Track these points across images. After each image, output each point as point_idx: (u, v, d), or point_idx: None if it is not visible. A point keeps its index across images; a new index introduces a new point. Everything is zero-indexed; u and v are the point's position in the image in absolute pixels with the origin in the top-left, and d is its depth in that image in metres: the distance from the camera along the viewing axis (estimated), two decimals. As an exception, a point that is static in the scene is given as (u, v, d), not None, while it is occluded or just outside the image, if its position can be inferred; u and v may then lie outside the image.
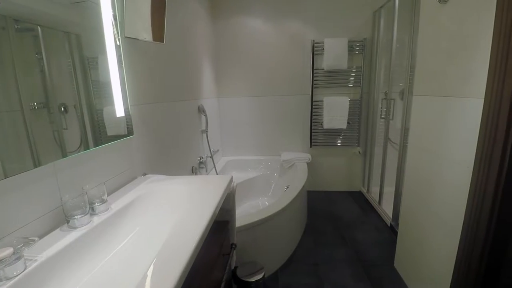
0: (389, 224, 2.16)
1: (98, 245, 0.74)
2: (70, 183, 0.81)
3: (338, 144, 2.83)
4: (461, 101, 1.10)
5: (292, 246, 1.92)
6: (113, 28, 1.00)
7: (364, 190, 2.82)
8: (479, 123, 0.98)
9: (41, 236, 0.69)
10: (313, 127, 2.78)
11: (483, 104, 0.96)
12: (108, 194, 0.91)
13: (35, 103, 0.70)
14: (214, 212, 0.83)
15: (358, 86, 2.66)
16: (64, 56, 0.82)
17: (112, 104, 1.02)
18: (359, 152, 2.82)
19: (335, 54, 2.50)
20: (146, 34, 1.28)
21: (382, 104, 2.49)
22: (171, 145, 1.66)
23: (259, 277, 1.32)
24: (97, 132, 0.94)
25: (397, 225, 1.86)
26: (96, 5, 0.93)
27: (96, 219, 0.78)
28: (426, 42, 1.36)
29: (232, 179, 1.11)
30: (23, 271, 0.55)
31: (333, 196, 2.85)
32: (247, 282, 1.30)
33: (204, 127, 2.27)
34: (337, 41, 2.49)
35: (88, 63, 0.90)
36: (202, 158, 2.18)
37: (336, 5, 2.55)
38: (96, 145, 0.92)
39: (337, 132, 2.80)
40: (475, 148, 1.01)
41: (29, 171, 0.67)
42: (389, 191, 2.23)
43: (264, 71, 2.75)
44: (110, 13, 0.98)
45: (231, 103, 2.87)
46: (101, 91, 0.97)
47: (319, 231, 2.17)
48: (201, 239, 0.69)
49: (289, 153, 2.81)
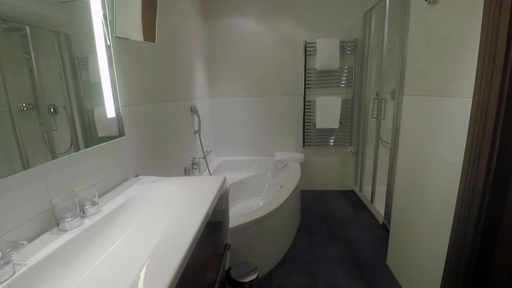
0: (381, 223, 2.19)
1: (89, 248, 0.73)
2: (60, 185, 0.80)
3: (331, 144, 2.86)
4: (450, 100, 1.12)
5: (286, 246, 1.93)
6: (104, 27, 0.99)
7: (357, 189, 2.84)
8: (468, 122, 1.00)
9: (30, 240, 0.68)
10: (306, 127, 2.80)
11: (472, 103, 0.98)
12: (99, 196, 0.90)
13: (23, 104, 0.69)
14: (207, 213, 0.83)
15: (350, 86, 2.69)
16: (54, 56, 0.80)
17: (103, 105, 1.00)
18: (351, 151, 2.85)
19: (327, 55, 2.52)
20: (137, 34, 1.27)
21: (373, 104, 2.52)
22: (164, 146, 1.64)
23: (253, 277, 1.32)
24: (88, 133, 0.93)
25: (389, 223, 1.89)
26: (86, 4, 0.92)
27: (87, 222, 0.77)
28: (416, 43, 1.38)
29: (225, 179, 1.11)
30: (12, 276, 0.54)
31: (326, 195, 2.87)
32: (241, 282, 1.30)
33: (197, 128, 2.26)
34: (329, 41, 2.51)
35: (78, 63, 0.89)
36: (195, 158, 2.17)
37: (328, 5, 2.57)
38: (86, 146, 0.91)
39: (329, 132, 2.82)
40: (464, 147, 1.02)
41: (18, 173, 0.66)
42: (381, 189, 2.26)
43: (256, 71, 2.75)
44: (100, 12, 0.97)
45: (224, 103, 2.86)
46: (91, 91, 0.96)
47: (313, 230, 2.18)
48: (194, 240, 0.68)
49: (282, 153, 2.82)
